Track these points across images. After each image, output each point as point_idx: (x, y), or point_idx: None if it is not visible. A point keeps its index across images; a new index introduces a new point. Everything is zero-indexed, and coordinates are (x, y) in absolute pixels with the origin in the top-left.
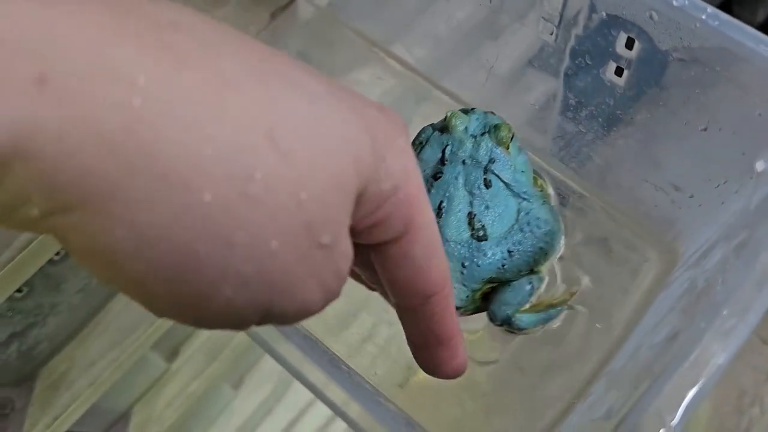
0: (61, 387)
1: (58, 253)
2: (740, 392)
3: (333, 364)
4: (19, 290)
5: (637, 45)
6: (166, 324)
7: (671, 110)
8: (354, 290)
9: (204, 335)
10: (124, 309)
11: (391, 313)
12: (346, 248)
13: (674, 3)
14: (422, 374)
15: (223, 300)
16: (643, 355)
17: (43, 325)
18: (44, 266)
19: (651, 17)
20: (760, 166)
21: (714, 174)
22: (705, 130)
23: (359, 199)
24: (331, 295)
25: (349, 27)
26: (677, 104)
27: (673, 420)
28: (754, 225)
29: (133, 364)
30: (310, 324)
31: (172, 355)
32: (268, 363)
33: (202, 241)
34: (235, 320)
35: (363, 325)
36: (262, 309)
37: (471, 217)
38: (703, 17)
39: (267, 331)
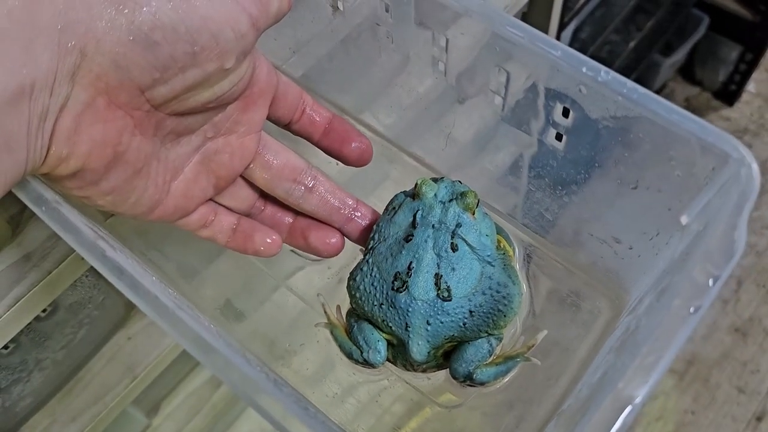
0: None
1: (44, 310)
2: None
3: (316, 418)
4: (5, 347)
5: (571, 114)
6: (147, 379)
7: (605, 171)
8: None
9: (185, 391)
10: (107, 365)
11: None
12: None
13: (599, 79)
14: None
15: None
16: (582, 394)
17: (28, 381)
18: (31, 323)
19: (580, 90)
20: (684, 219)
21: (647, 227)
22: (635, 188)
23: None
24: None
25: (322, 96)
26: (609, 166)
27: None
28: (674, 272)
29: (114, 420)
30: (289, 376)
31: (153, 410)
32: (250, 418)
33: None
34: None
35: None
36: None
37: (438, 278)
38: (624, 91)
39: (249, 384)
